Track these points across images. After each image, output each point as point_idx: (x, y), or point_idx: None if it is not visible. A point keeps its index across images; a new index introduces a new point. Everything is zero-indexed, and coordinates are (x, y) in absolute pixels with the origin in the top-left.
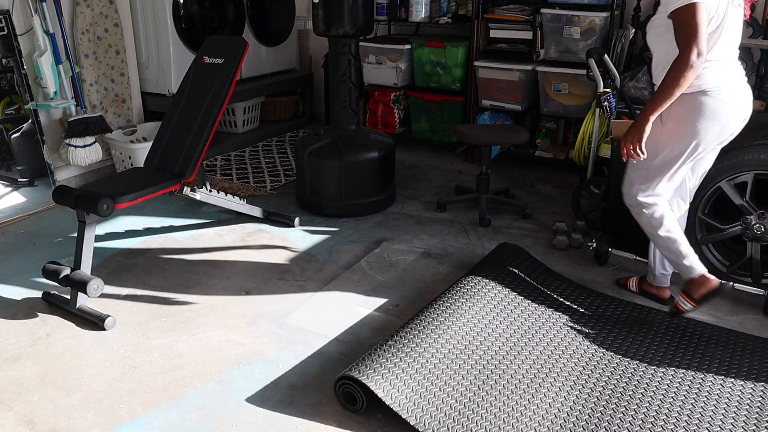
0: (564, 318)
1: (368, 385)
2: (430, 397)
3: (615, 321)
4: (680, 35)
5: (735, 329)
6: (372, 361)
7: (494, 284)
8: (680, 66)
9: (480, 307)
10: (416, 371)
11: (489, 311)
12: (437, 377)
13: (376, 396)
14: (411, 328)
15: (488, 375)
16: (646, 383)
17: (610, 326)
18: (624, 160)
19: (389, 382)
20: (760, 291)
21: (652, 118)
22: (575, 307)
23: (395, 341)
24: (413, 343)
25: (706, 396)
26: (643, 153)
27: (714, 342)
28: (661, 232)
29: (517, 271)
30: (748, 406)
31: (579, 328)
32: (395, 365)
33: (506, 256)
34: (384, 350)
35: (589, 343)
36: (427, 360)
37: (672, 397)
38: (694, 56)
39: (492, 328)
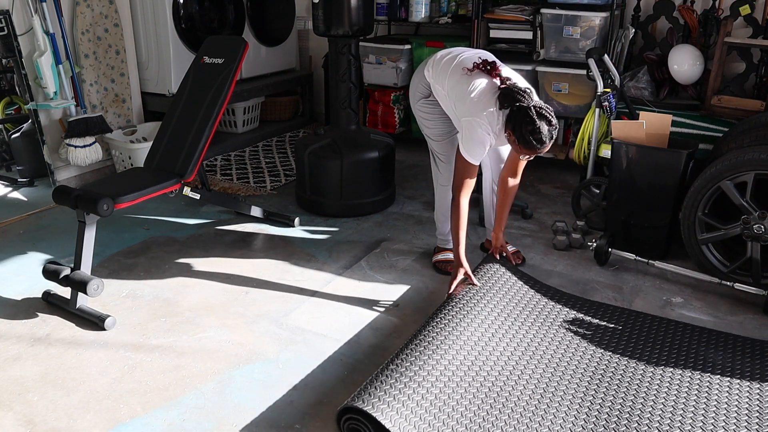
0: (562, 331)
1: (375, 415)
2: (439, 425)
3: (613, 330)
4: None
5: (735, 329)
6: (375, 388)
7: (489, 299)
8: None
9: (477, 325)
10: (422, 397)
11: (486, 328)
12: (444, 402)
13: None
14: (411, 351)
15: (495, 398)
16: (655, 392)
17: (609, 335)
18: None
19: (395, 410)
20: (760, 291)
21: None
22: (571, 318)
23: (396, 366)
24: (416, 366)
25: (716, 403)
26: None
27: (713, 346)
28: None
29: (509, 285)
30: (758, 411)
31: (578, 340)
32: (400, 391)
33: (495, 269)
34: (386, 376)
35: (590, 355)
36: (432, 384)
37: (682, 407)
38: None
39: (492, 346)
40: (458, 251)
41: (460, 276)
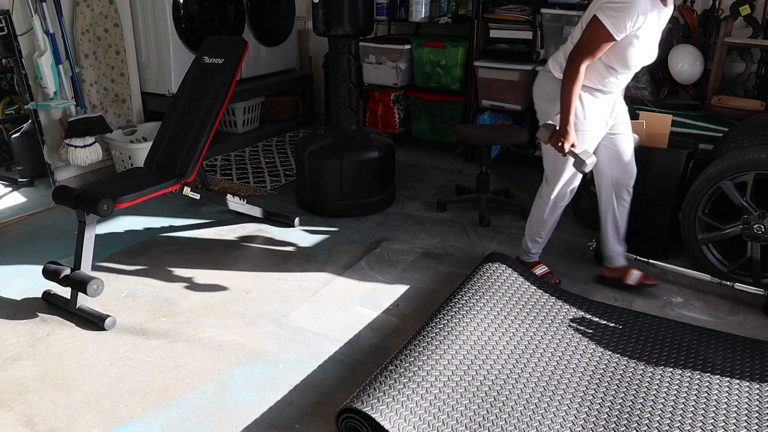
0: (562, 331)
1: (373, 416)
2: (438, 425)
3: (613, 329)
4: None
5: (735, 329)
6: (374, 389)
7: (488, 298)
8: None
9: (476, 324)
10: (421, 397)
11: (486, 328)
12: (443, 402)
13: (379, 426)
14: (410, 351)
15: (495, 397)
16: (655, 392)
17: (609, 335)
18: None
19: (395, 411)
20: (760, 291)
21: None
22: (571, 317)
23: (396, 366)
24: (415, 366)
25: (715, 403)
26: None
27: (713, 346)
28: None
29: (508, 283)
30: (758, 411)
31: (578, 340)
32: (399, 392)
33: (495, 268)
34: (385, 377)
35: (590, 355)
36: (432, 384)
37: (682, 407)
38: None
39: (492, 345)
40: (570, 120)
41: (568, 145)
